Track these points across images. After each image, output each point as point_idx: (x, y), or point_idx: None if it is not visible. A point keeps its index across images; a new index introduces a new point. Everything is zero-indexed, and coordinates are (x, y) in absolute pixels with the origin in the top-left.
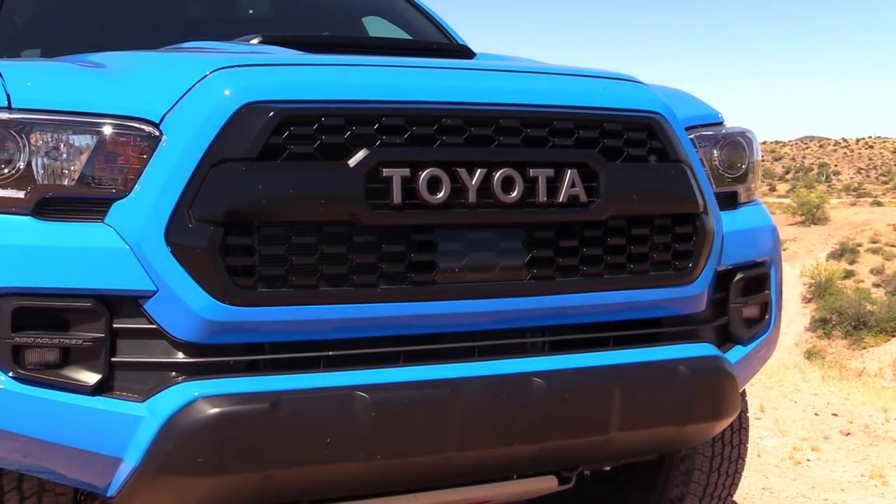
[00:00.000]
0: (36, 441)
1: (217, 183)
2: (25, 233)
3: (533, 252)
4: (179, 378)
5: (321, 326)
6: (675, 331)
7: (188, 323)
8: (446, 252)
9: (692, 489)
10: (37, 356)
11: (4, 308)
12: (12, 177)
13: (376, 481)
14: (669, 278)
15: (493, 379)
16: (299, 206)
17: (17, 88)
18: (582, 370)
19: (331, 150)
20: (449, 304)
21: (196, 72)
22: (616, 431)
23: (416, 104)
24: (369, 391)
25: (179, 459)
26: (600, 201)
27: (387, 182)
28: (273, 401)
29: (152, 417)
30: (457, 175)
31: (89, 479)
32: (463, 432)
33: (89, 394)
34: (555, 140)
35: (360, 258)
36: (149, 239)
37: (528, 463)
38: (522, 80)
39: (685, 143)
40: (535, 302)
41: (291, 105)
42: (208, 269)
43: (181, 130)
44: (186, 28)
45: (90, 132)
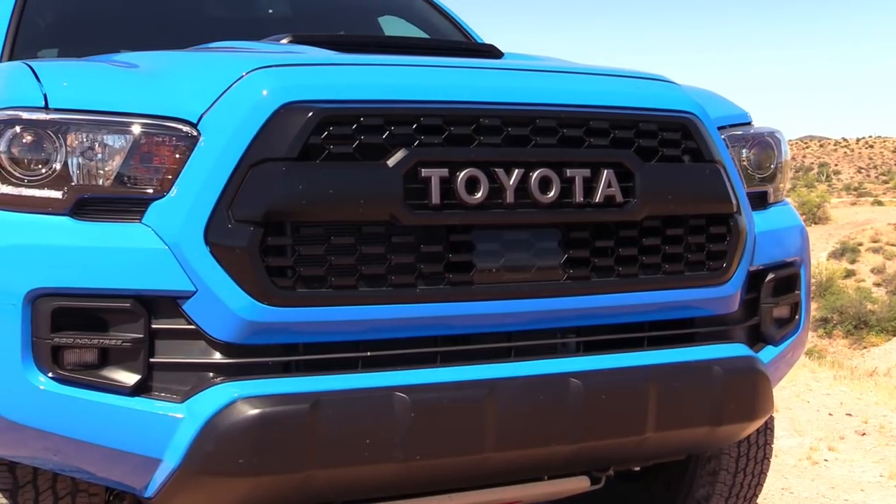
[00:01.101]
0: (74, 441)
1: (257, 183)
2: (63, 233)
3: (569, 252)
4: (218, 379)
5: (359, 327)
6: (709, 331)
7: (227, 323)
8: (483, 252)
9: (718, 489)
10: (75, 357)
11: (44, 308)
12: (49, 177)
13: (413, 482)
14: (703, 278)
15: (530, 379)
16: (339, 206)
17: (54, 89)
18: (618, 370)
19: (370, 151)
20: (486, 304)
21: (234, 71)
22: (652, 432)
23: (455, 104)
24: (409, 392)
25: (220, 460)
26: (636, 201)
27: (425, 182)
28: (313, 401)
29: (192, 418)
30: (494, 175)
31: (126, 479)
32: (500, 433)
33: (128, 394)
34: (591, 140)
35: (398, 258)
36: (188, 239)
37: (563, 463)
38: (558, 80)
39: (718, 144)
40: (570, 302)
41: (330, 105)
42: (248, 269)
43: (219, 130)
44: (205, 28)
45: (127, 132)
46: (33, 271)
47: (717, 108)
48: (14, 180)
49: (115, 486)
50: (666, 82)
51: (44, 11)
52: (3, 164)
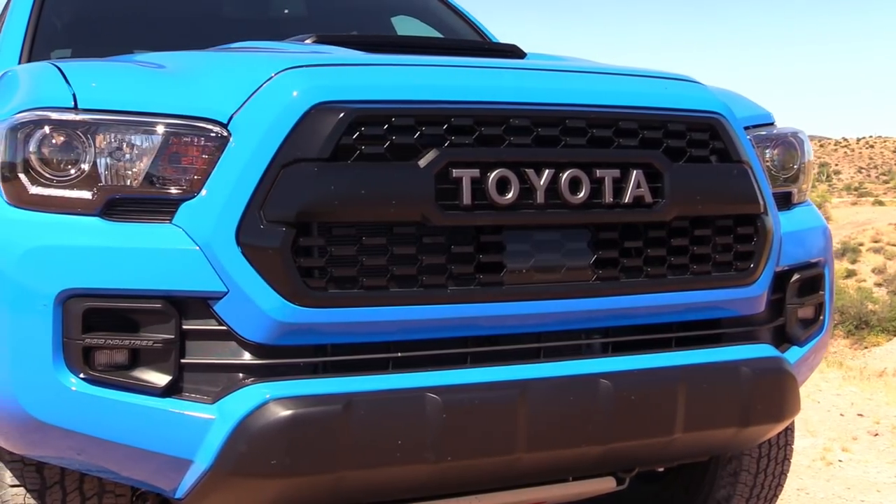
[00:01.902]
0: (105, 442)
1: (289, 183)
2: (94, 234)
3: (598, 253)
4: (249, 380)
5: (390, 328)
6: (735, 332)
7: (259, 324)
8: (514, 253)
9: (739, 490)
10: (106, 357)
11: (75, 309)
12: (79, 177)
13: (444, 483)
14: (731, 279)
15: (560, 380)
16: (371, 206)
17: (83, 89)
18: (648, 371)
19: (401, 151)
20: (516, 305)
21: (264, 71)
22: (680, 433)
23: (485, 104)
24: (440, 392)
25: (252, 461)
26: (665, 202)
27: (456, 183)
28: (346, 402)
29: (224, 419)
30: (525, 175)
31: (156, 480)
32: (531, 434)
33: (159, 395)
34: (620, 140)
35: (429, 259)
36: (219, 240)
37: (592, 464)
38: (588, 81)
39: (745, 144)
40: (600, 303)
41: (362, 105)
42: (280, 270)
43: (250, 130)
44: (220, 28)
45: (157, 132)
46: (64, 272)
47: (742, 109)
48: (43, 181)
49: (144, 486)
50: (693, 82)
51: (60, 13)
52: (32, 165)
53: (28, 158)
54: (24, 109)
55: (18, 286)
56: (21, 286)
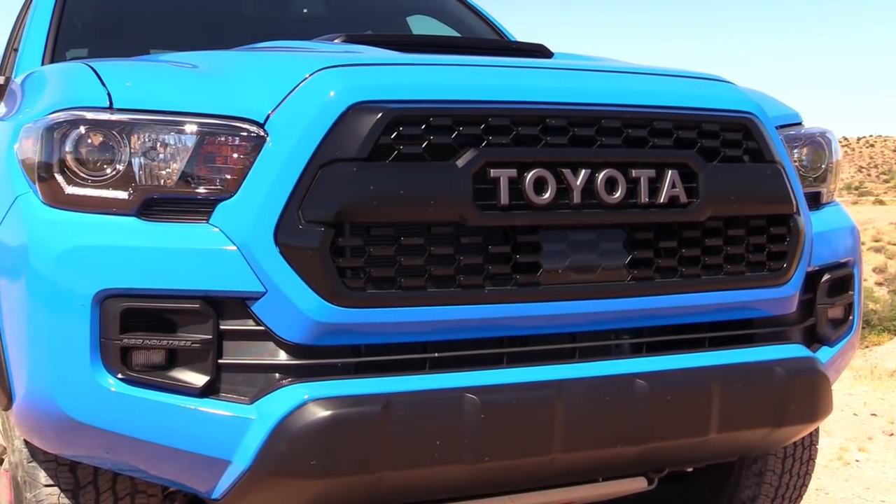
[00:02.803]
0: (142, 443)
1: (328, 183)
2: (131, 234)
3: (633, 253)
4: (286, 380)
5: (427, 328)
6: (767, 332)
7: (297, 324)
8: (550, 253)
9: (764, 490)
10: (143, 358)
11: (112, 309)
12: (115, 177)
13: (481, 483)
14: (764, 279)
15: (597, 380)
16: (409, 206)
17: (118, 89)
18: (683, 371)
19: (438, 151)
20: (552, 305)
21: (300, 71)
22: (715, 433)
23: (522, 104)
24: (479, 393)
25: (292, 462)
26: (699, 202)
27: (494, 182)
28: (385, 403)
29: (262, 420)
30: (562, 175)
31: (192, 480)
32: (568, 434)
33: (197, 396)
34: (655, 141)
35: (466, 259)
36: (257, 240)
37: (627, 464)
38: (622, 81)
39: (778, 144)
40: (634, 303)
41: (399, 105)
42: (319, 270)
43: (287, 130)
44: (238, 27)
45: (193, 132)
46: (102, 272)
47: (772, 109)
48: (79, 181)
49: (179, 486)
50: (725, 82)
51: (80, 13)
52: (68, 165)
53: (64, 158)
54: (59, 109)
55: (56, 286)
56: (58, 286)
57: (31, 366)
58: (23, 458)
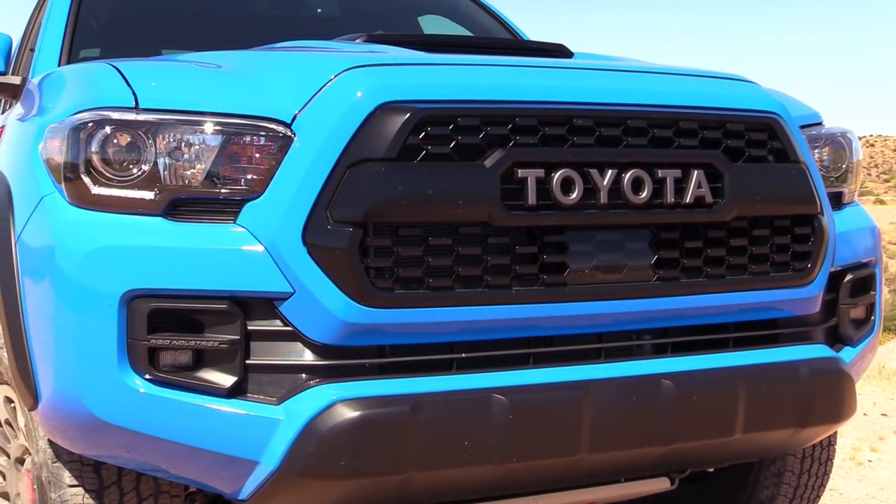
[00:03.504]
0: (169, 443)
1: (356, 184)
2: (158, 234)
3: (659, 253)
4: (314, 380)
5: (455, 328)
6: (791, 332)
7: (325, 325)
8: (577, 253)
9: (783, 490)
10: (171, 358)
11: (140, 310)
12: (141, 177)
13: (508, 484)
14: (788, 279)
15: (624, 381)
16: (438, 206)
17: (143, 89)
18: (709, 371)
19: (466, 151)
20: (579, 305)
21: (327, 71)
22: (740, 433)
23: (550, 105)
24: (507, 393)
25: (321, 463)
26: (725, 202)
27: (522, 183)
28: (414, 403)
29: (290, 420)
30: (588, 176)
31: (219, 481)
32: (595, 434)
33: (224, 396)
34: (680, 141)
35: (494, 259)
36: (285, 240)
37: (652, 464)
38: (648, 81)
39: (801, 144)
40: (660, 303)
41: (427, 105)
42: (347, 270)
43: (315, 130)
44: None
45: (219, 132)
46: (129, 272)
47: (795, 109)
48: (105, 181)
49: (204, 487)
50: (749, 82)
51: (95, 13)
52: (94, 165)
53: (90, 158)
54: (85, 109)
55: (83, 287)
56: (85, 287)
57: (57, 366)
58: (47, 458)
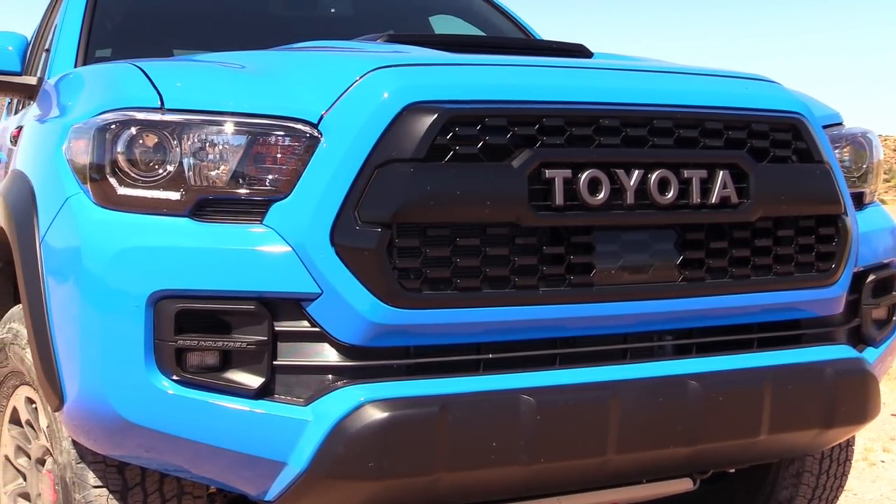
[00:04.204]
0: (196, 444)
1: (384, 184)
2: (185, 234)
3: (685, 253)
4: (341, 381)
5: (482, 329)
6: (814, 333)
7: (353, 326)
8: (603, 254)
9: (802, 491)
10: (198, 359)
11: (167, 311)
12: (167, 178)
13: (535, 485)
14: (812, 280)
15: (650, 381)
16: (466, 207)
17: (168, 89)
18: (735, 372)
19: (494, 152)
20: (605, 306)
21: (354, 71)
22: (766, 434)
23: (576, 105)
24: (534, 394)
25: (349, 464)
26: (750, 202)
27: (549, 183)
28: (442, 404)
29: (318, 421)
30: (615, 176)
31: (245, 482)
32: (622, 435)
33: (252, 397)
34: (706, 141)
35: (521, 260)
36: (313, 241)
37: (678, 465)
38: (673, 81)
39: (825, 144)
40: (686, 304)
41: (455, 105)
42: (375, 271)
43: (342, 131)
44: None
45: (245, 133)
46: (156, 273)
47: (817, 109)
48: (130, 181)
49: (229, 489)
50: (772, 83)
51: (110, 14)
52: (120, 166)
53: (116, 159)
54: (109, 110)
55: (110, 287)
56: (112, 287)
57: (83, 367)
58: (71, 459)
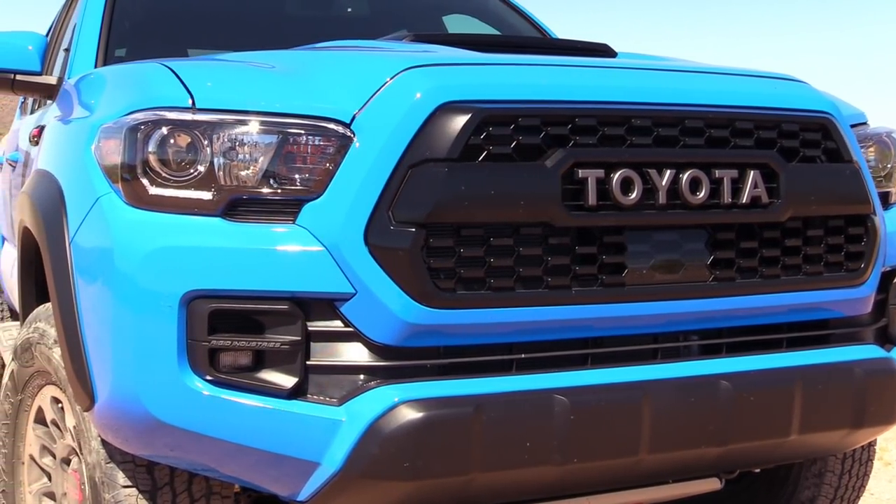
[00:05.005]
0: (228, 445)
1: (419, 184)
2: (217, 234)
3: (715, 253)
4: (374, 381)
5: (515, 329)
6: (843, 332)
7: (387, 326)
8: (634, 254)
9: (824, 491)
10: (231, 359)
11: (200, 310)
12: (199, 178)
13: (567, 485)
14: (841, 279)
15: (682, 381)
16: (500, 207)
17: (199, 89)
18: (765, 372)
19: (527, 151)
20: (637, 306)
21: (386, 71)
22: (796, 434)
23: (608, 104)
24: (567, 394)
25: (384, 464)
26: (780, 202)
27: (582, 183)
28: (477, 404)
29: (353, 422)
30: (647, 176)
31: (276, 483)
32: (654, 435)
33: (285, 397)
34: (736, 141)
35: (554, 260)
36: (347, 241)
37: (709, 465)
38: (703, 81)
39: (854, 144)
40: (716, 303)
41: (488, 105)
42: (409, 270)
43: (375, 130)
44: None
45: (277, 132)
46: (189, 273)
47: (844, 108)
48: (162, 181)
49: (260, 489)
50: (801, 82)
51: (128, 14)
52: (151, 165)
53: (147, 159)
54: (140, 109)
55: (142, 288)
56: (145, 287)
57: (116, 367)
58: (100, 458)
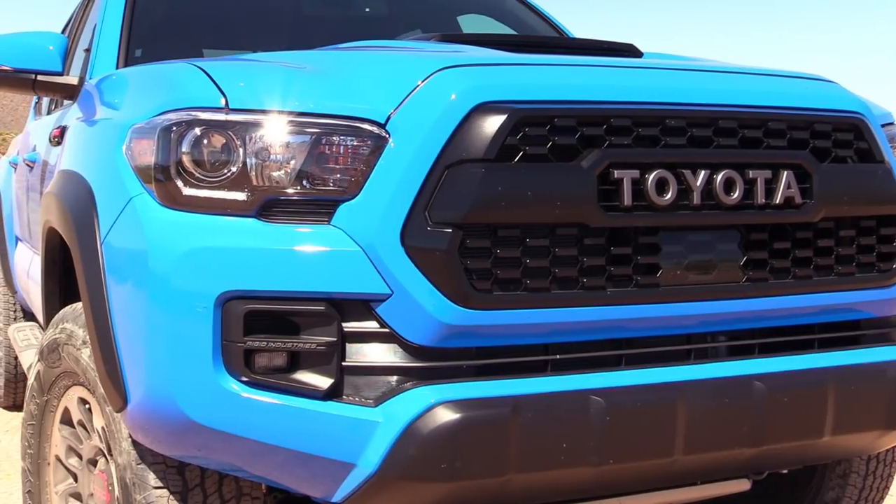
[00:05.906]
0: (263, 446)
1: (455, 185)
2: (252, 235)
3: (749, 254)
4: (410, 382)
5: (551, 329)
6: (874, 333)
7: (423, 327)
8: (668, 254)
9: (848, 492)
10: (266, 360)
11: (235, 311)
12: (233, 179)
13: (603, 486)
14: (873, 280)
15: (717, 382)
16: (536, 207)
17: (232, 89)
18: (799, 373)
19: (562, 152)
20: (671, 306)
21: (420, 71)
22: (829, 435)
23: (642, 105)
24: (603, 395)
25: (421, 466)
26: (813, 203)
27: (617, 184)
28: (513, 405)
29: (389, 423)
30: (682, 176)
31: (311, 484)
32: (689, 436)
33: (321, 398)
34: (769, 141)
35: (590, 261)
36: (383, 242)
37: (742, 466)
38: (735, 81)
39: (885, 144)
40: (749, 304)
41: (524, 105)
42: (446, 271)
43: (410, 131)
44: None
45: (312, 133)
46: (224, 274)
47: (874, 109)
48: (195, 182)
49: (294, 491)
50: (832, 83)
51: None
52: (185, 166)
53: (181, 159)
54: (172, 110)
55: (177, 289)
56: (180, 289)
57: (150, 369)
58: (131, 459)
